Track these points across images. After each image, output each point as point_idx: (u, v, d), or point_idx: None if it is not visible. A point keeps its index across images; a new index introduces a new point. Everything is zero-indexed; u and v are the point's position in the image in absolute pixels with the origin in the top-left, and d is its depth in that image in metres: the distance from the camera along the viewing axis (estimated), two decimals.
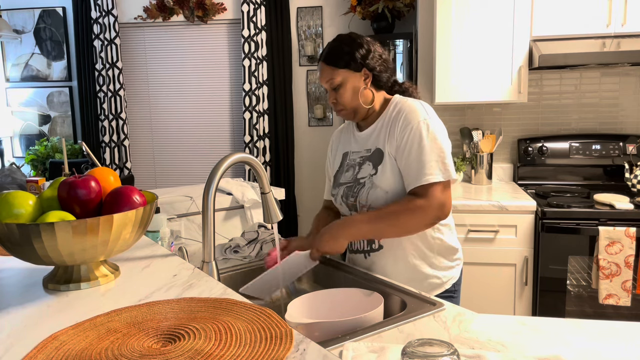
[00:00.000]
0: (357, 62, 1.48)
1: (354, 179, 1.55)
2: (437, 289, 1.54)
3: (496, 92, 2.74)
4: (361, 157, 1.55)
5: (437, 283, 1.54)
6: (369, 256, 1.56)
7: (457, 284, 1.59)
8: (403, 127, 1.44)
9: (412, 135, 1.42)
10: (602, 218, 2.40)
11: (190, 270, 1.06)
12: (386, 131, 1.49)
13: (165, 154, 4.23)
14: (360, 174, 1.53)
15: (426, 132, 1.42)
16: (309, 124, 4.03)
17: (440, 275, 1.54)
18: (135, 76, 4.16)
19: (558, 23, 2.64)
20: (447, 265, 1.55)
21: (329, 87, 1.51)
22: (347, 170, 1.59)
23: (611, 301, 2.36)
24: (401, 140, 1.44)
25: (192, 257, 1.73)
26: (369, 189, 1.49)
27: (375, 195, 1.48)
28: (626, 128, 2.99)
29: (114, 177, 1.06)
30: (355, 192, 1.53)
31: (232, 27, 4.00)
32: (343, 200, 1.57)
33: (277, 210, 1.39)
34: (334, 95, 1.51)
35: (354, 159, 1.58)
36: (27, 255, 0.92)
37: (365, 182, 1.50)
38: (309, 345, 0.71)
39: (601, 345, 1.03)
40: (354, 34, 1.54)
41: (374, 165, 1.50)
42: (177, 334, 0.75)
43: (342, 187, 1.58)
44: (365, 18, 3.56)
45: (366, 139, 1.56)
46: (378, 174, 1.48)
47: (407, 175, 1.44)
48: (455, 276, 1.58)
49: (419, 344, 0.80)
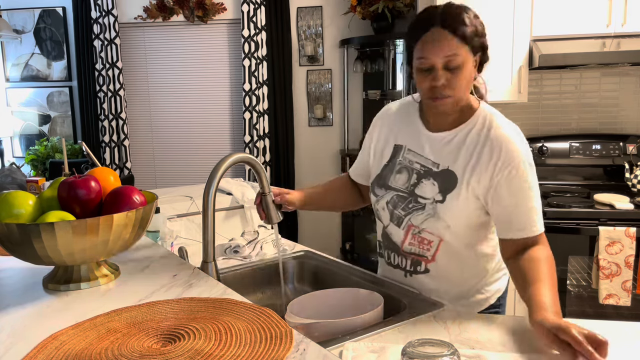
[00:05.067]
0: (476, 43, 1.17)
1: (409, 191, 1.30)
2: (481, 305, 1.36)
3: (496, 92, 2.74)
4: (423, 168, 1.29)
5: (482, 298, 1.36)
6: (411, 276, 1.37)
7: (503, 297, 1.40)
8: (502, 164, 1.19)
9: (519, 180, 1.19)
10: (602, 218, 2.40)
11: (190, 270, 1.06)
12: (469, 155, 1.23)
13: (165, 154, 4.23)
14: (419, 189, 1.29)
15: (530, 175, 1.20)
16: (309, 124, 4.03)
17: (485, 289, 1.36)
18: (135, 76, 4.16)
19: (558, 23, 2.63)
20: (493, 279, 1.37)
21: (443, 64, 1.15)
22: (399, 171, 1.34)
23: (611, 301, 2.36)
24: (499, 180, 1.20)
25: (192, 257, 1.73)
26: (429, 216, 1.26)
27: (435, 225, 1.27)
28: (626, 128, 2.99)
29: (114, 177, 1.06)
30: (410, 209, 1.30)
31: (232, 27, 4.00)
32: (388, 208, 1.35)
33: (276, 212, 1.39)
34: (446, 76, 1.16)
35: (411, 160, 1.32)
36: (27, 255, 0.91)
37: (426, 205, 1.27)
38: (309, 345, 0.71)
39: None
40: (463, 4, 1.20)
41: (440, 189, 1.25)
42: (177, 334, 0.75)
43: (392, 192, 1.34)
44: (365, 18, 3.56)
45: (436, 147, 1.29)
46: (445, 203, 1.24)
47: (512, 222, 1.21)
48: (501, 288, 1.39)
49: (419, 344, 0.80)
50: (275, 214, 1.39)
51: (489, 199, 1.23)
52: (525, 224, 1.20)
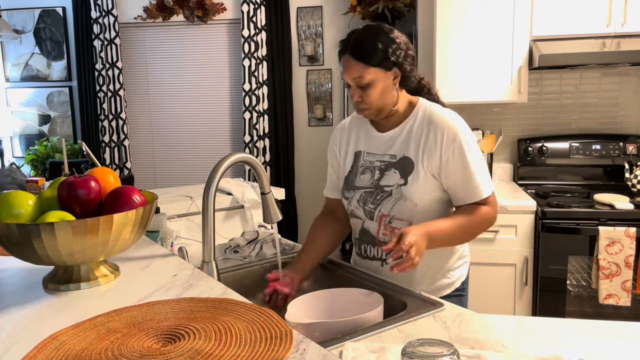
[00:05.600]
0: (389, 61, 1.37)
1: (374, 185, 1.47)
2: (447, 289, 1.52)
3: (496, 92, 2.74)
4: (383, 163, 1.47)
5: (447, 283, 1.52)
6: (387, 264, 1.48)
7: (466, 281, 1.58)
8: (446, 143, 1.38)
9: (460, 152, 1.38)
10: (602, 218, 2.40)
11: (190, 270, 1.06)
12: (418, 142, 1.42)
13: (165, 154, 4.23)
14: (383, 180, 1.45)
15: (469, 145, 1.39)
16: (309, 124, 4.03)
17: (450, 274, 1.52)
18: (135, 76, 4.16)
19: (558, 23, 2.63)
20: (457, 265, 1.54)
21: (355, 84, 1.39)
22: (362, 172, 1.51)
23: (611, 301, 2.36)
24: (447, 158, 1.38)
25: (192, 257, 1.73)
26: (396, 200, 1.43)
27: (403, 207, 1.42)
28: (626, 128, 2.99)
29: (114, 177, 1.06)
30: (378, 200, 1.46)
31: (232, 27, 4.00)
32: (360, 205, 1.50)
33: (277, 211, 1.39)
34: (359, 92, 1.40)
35: (371, 161, 1.50)
36: (27, 255, 0.91)
37: (392, 191, 1.43)
38: (309, 345, 0.71)
39: (601, 346, 1.03)
40: (383, 25, 1.41)
41: (402, 174, 1.43)
42: (177, 334, 0.75)
43: (359, 191, 1.50)
44: (365, 18, 3.56)
45: (389, 143, 1.47)
46: (408, 185, 1.41)
47: (461, 191, 1.41)
48: (464, 274, 1.56)
49: (419, 344, 0.80)
50: (275, 213, 1.39)
51: (442, 175, 1.41)
52: (474, 191, 1.40)
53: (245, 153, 1.41)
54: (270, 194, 1.37)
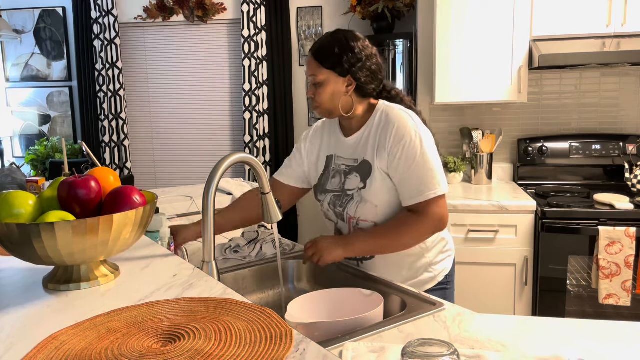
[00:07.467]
0: (343, 67, 1.43)
1: (341, 189, 1.53)
2: (430, 283, 1.55)
3: (496, 92, 2.74)
4: (347, 167, 1.53)
5: (430, 277, 1.55)
6: (362, 264, 1.57)
7: (450, 275, 1.59)
8: (395, 141, 1.41)
9: (407, 151, 1.40)
10: (602, 218, 2.40)
11: (190, 270, 1.06)
12: (374, 143, 1.46)
13: (165, 154, 4.23)
14: (347, 184, 1.51)
15: (419, 146, 1.40)
16: (309, 124, 4.03)
17: (432, 268, 1.55)
18: (135, 76, 4.16)
19: (558, 23, 2.63)
20: (438, 260, 1.56)
21: (311, 82, 1.48)
22: (333, 176, 1.57)
23: (611, 301, 2.36)
24: (394, 156, 1.41)
25: (192, 257, 1.73)
26: (358, 203, 1.48)
27: (365, 209, 1.48)
28: (626, 128, 2.99)
29: (114, 177, 1.06)
30: (344, 203, 1.52)
31: (232, 27, 4.00)
32: (331, 208, 1.57)
33: (277, 211, 1.38)
34: (313, 90, 1.48)
35: (339, 164, 1.56)
36: (27, 255, 0.91)
37: (354, 195, 1.49)
38: (309, 345, 0.71)
39: (601, 346, 1.03)
40: (352, 34, 1.47)
41: (362, 178, 1.48)
42: (177, 334, 0.75)
43: (330, 194, 1.57)
44: (365, 18, 3.56)
45: (353, 148, 1.53)
46: (367, 188, 1.46)
47: (404, 191, 1.43)
48: (447, 268, 1.58)
49: (419, 344, 0.80)
50: (275, 213, 1.39)
51: (391, 172, 1.43)
52: (413, 193, 1.41)
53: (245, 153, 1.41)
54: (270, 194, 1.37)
